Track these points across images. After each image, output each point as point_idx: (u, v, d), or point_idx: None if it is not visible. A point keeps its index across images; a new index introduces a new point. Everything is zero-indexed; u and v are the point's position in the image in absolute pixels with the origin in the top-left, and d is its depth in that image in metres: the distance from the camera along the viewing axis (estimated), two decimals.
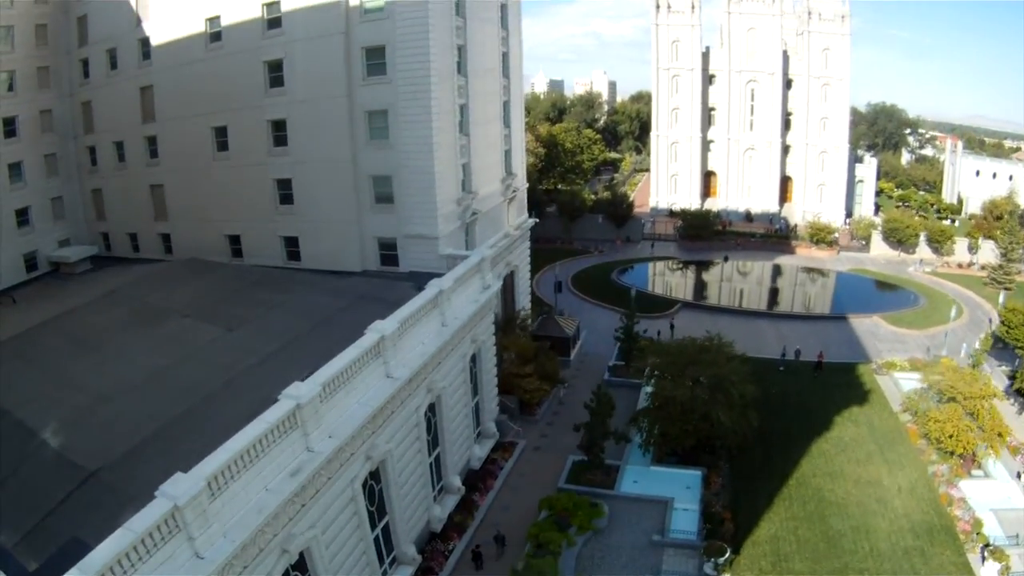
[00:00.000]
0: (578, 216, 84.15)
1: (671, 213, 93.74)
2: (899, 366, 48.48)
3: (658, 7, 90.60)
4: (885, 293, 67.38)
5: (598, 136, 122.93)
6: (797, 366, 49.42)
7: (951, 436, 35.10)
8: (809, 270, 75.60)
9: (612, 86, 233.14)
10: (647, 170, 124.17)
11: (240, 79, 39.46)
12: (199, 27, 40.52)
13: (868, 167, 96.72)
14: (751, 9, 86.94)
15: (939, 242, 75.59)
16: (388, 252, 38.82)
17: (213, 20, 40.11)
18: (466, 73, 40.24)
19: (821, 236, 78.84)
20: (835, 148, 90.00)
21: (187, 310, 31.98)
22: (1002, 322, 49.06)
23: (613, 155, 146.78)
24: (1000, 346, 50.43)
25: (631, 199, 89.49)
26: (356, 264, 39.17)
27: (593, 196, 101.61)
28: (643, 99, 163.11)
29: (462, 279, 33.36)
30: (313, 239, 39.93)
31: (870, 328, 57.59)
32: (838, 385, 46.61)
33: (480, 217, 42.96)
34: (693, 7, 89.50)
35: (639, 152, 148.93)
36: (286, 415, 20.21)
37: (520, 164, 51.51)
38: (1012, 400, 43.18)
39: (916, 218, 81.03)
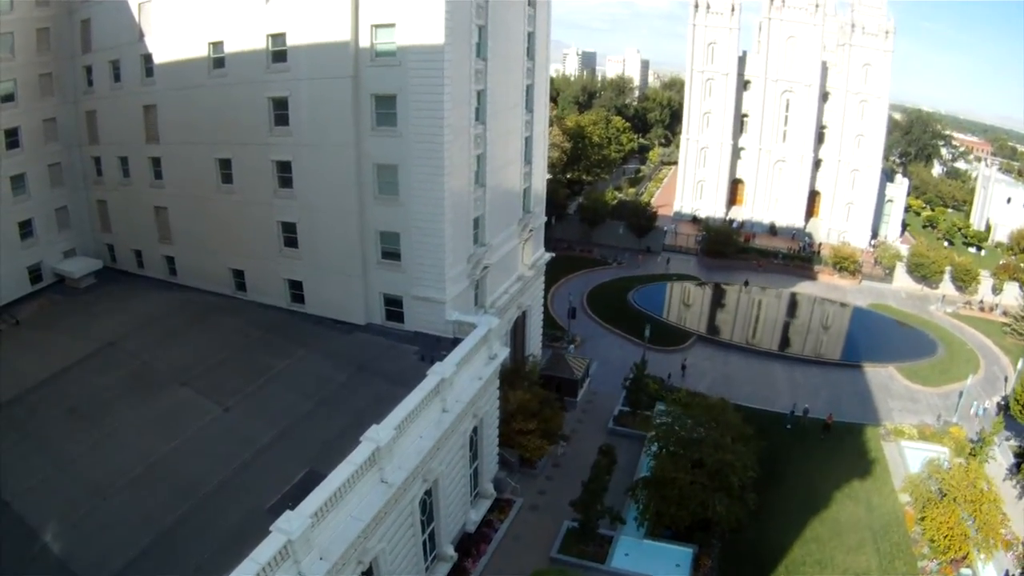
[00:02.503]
0: (599, 223, 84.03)
1: (695, 219, 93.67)
2: (907, 434, 48.96)
3: (696, 6, 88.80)
4: (903, 337, 67.41)
5: (627, 124, 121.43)
6: (805, 424, 49.91)
7: (945, 537, 35.80)
8: (829, 303, 75.33)
9: (644, 65, 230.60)
10: (674, 163, 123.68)
11: (244, 112, 39.36)
12: (202, 51, 40.13)
13: (899, 187, 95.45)
14: (792, 17, 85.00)
15: (963, 281, 75.05)
16: (394, 308, 39.17)
17: (216, 45, 39.69)
18: (485, 119, 39.80)
19: (844, 264, 78.40)
20: (867, 167, 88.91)
21: (185, 376, 32.85)
22: (1016, 399, 49.12)
23: (641, 141, 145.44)
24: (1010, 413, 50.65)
25: (654, 208, 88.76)
26: (360, 316, 39.62)
27: (616, 193, 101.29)
28: (675, 86, 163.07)
29: (466, 358, 33.68)
30: (317, 286, 40.42)
31: (884, 381, 57.92)
32: (843, 452, 47.25)
33: (493, 266, 43.02)
34: (733, 9, 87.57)
35: (667, 144, 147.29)
36: (278, 551, 21.02)
37: (540, 199, 51.19)
38: (1014, 482, 43.62)
39: (943, 251, 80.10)
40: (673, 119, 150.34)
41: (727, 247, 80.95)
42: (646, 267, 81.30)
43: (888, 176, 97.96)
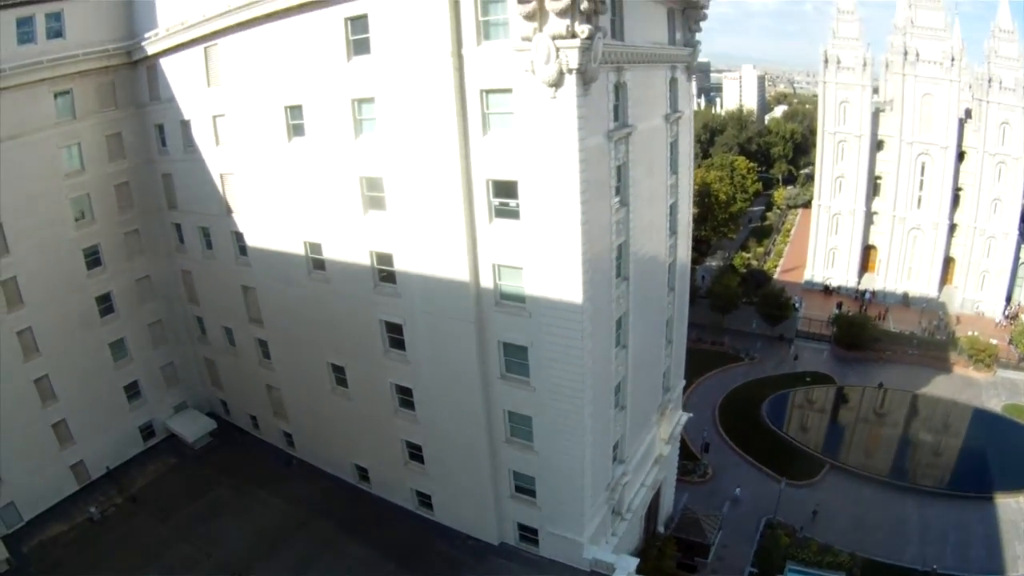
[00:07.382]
0: (731, 309, 75.32)
1: (826, 289, 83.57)
2: None
3: (826, 62, 75.86)
4: None
5: (751, 165, 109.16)
6: None
7: None
8: (962, 407, 63.20)
9: (760, 81, 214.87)
10: (800, 207, 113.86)
11: (353, 327, 32.28)
12: (297, 248, 33.19)
13: None
14: (928, 73, 71.10)
15: None
16: (528, 534, 32.29)
17: (313, 246, 32.58)
18: (627, 342, 31.03)
19: (980, 356, 65.86)
20: (1004, 235, 74.85)
21: None
22: None
23: (765, 175, 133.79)
24: None
25: (788, 297, 76.62)
26: (492, 536, 32.92)
27: (744, 256, 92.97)
28: (797, 117, 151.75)
29: None
30: (447, 502, 33.93)
31: (1014, 517, 47.83)
32: None
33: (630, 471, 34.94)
34: (864, 64, 73.60)
35: (791, 180, 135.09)
36: None
37: (680, 362, 42.46)
38: None
39: None
40: (796, 152, 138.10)
41: (861, 338, 69.71)
42: (781, 363, 71.05)
43: (1022, 234, 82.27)
